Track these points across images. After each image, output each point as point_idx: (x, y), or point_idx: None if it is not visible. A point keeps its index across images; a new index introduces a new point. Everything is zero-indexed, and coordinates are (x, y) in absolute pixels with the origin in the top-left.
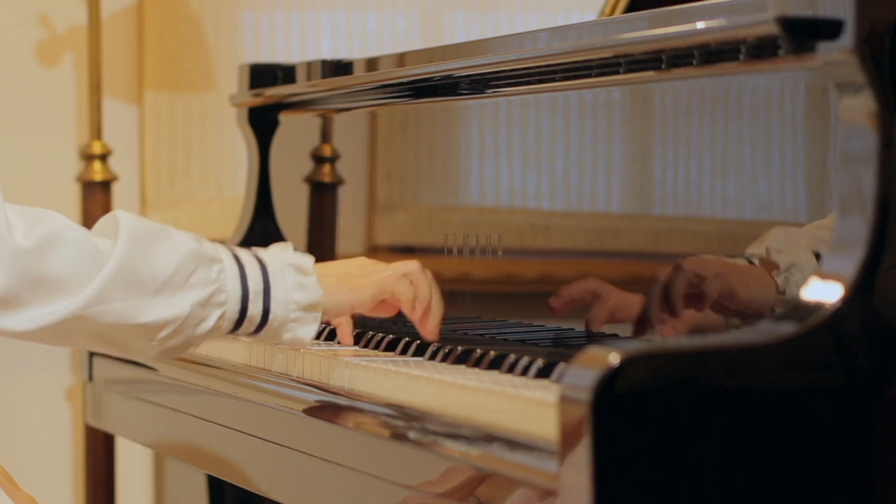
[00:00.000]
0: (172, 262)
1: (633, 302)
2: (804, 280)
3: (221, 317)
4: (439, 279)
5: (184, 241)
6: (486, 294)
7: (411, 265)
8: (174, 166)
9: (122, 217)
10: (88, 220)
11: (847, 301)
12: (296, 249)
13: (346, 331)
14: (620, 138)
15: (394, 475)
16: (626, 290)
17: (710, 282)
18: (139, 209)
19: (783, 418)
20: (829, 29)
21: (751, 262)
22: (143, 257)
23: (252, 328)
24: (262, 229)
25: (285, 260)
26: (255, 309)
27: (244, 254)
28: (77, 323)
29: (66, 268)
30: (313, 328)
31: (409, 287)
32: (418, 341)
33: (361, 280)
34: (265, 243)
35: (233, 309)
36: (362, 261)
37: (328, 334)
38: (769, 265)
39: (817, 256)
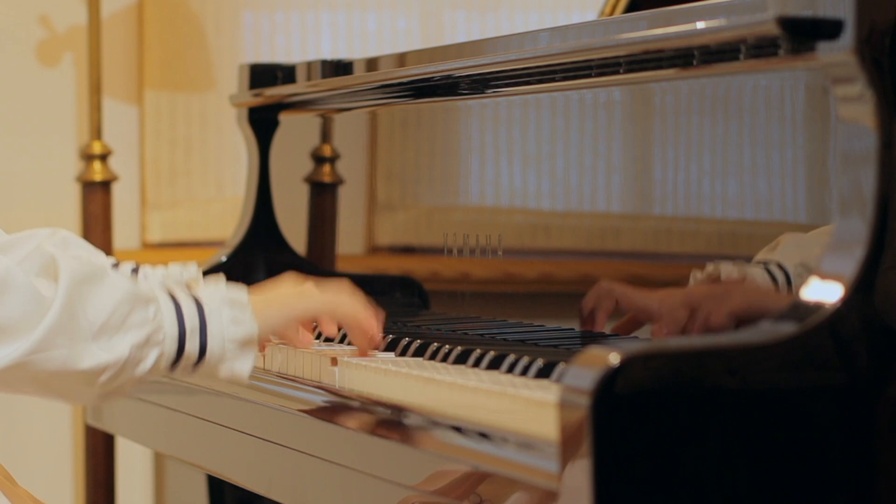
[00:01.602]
0: (109, 304)
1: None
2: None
3: (160, 356)
4: (439, 279)
5: (119, 282)
6: (486, 294)
7: (340, 294)
8: (174, 166)
9: (61, 260)
10: (88, 220)
11: (847, 301)
12: (293, 252)
13: (303, 340)
14: (620, 138)
15: (394, 475)
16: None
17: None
18: (139, 209)
19: (783, 418)
20: (829, 29)
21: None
22: (82, 301)
23: (189, 365)
24: (262, 229)
25: (220, 295)
26: (191, 346)
27: (179, 292)
28: (20, 370)
29: (12, 315)
30: (249, 362)
31: (349, 308)
32: (419, 341)
33: (298, 297)
34: (265, 243)
35: (170, 347)
36: (294, 281)
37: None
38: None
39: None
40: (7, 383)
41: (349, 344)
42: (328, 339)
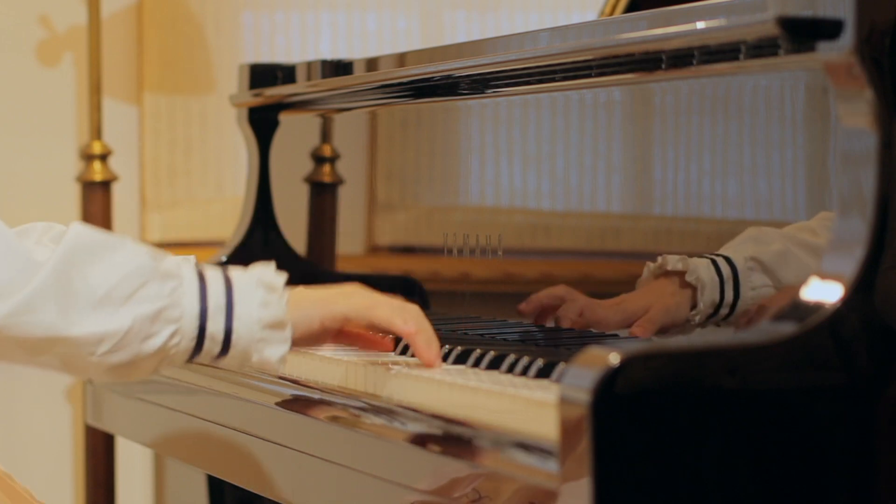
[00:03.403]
0: (115, 275)
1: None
2: (803, 261)
3: (175, 334)
4: (439, 279)
5: (134, 255)
6: (486, 294)
7: (404, 305)
8: (174, 166)
9: (73, 227)
10: (88, 220)
11: (847, 301)
12: (293, 252)
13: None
14: (620, 138)
15: (394, 475)
16: (625, 290)
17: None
18: (139, 209)
19: (783, 418)
20: (829, 29)
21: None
22: (81, 269)
23: (217, 349)
24: (262, 229)
25: (256, 278)
26: (214, 327)
27: (211, 271)
28: (2, 334)
29: None
30: (282, 349)
31: (390, 311)
32: None
33: (336, 296)
34: (265, 243)
35: (189, 325)
36: (352, 286)
37: None
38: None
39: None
40: None
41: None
42: None
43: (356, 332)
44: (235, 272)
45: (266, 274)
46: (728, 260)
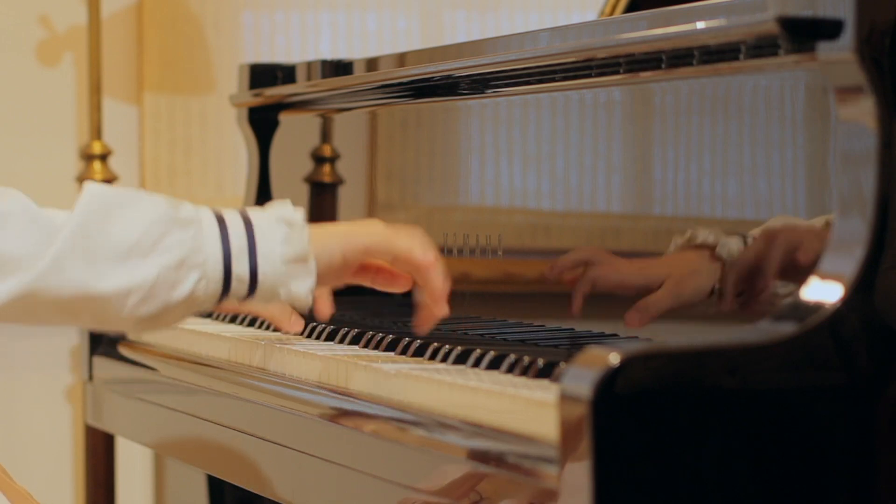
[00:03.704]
0: (136, 227)
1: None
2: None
3: (201, 279)
4: None
5: (152, 206)
6: (486, 294)
7: (423, 237)
8: (174, 166)
9: (87, 187)
10: None
11: (847, 301)
12: (371, 221)
13: (323, 304)
14: (620, 138)
15: (394, 475)
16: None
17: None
18: None
19: (783, 418)
20: (829, 29)
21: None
22: (102, 224)
23: (244, 290)
24: None
25: (275, 215)
26: (240, 268)
27: (230, 214)
28: (36, 297)
29: (17, 243)
30: (309, 282)
31: (410, 241)
32: (418, 341)
33: (357, 228)
34: None
35: (214, 270)
36: (371, 222)
37: (328, 334)
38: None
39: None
40: (27, 313)
41: (342, 342)
42: (328, 339)
43: (377, 265)
44: (254, 212)
45: (285, 210)
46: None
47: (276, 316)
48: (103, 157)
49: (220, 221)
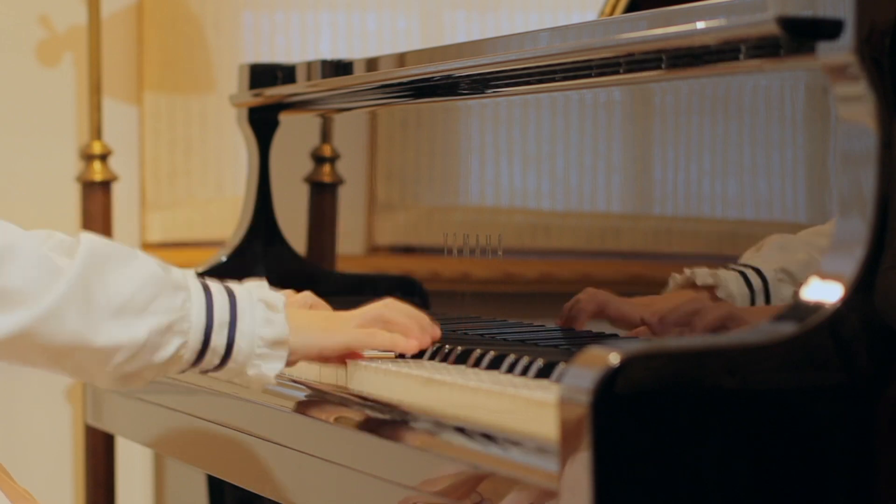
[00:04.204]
0: (131, 285)
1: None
2: (795, 287)
3: (182, 346)
4: (439, 279)
5: (147, 266)
6: (486, 294)
7: (381, 303)
8: (174, 166)
9: (85, 237)
10: (88, 220)
11: (847, 301)
12: (293, 252)
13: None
14: (620, 138)
15: (394, 475)
16: (625, 290)
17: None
18: (139, 209)
19: (783, 418)
20: (829, 29)
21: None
22: (101, 277)
23: (216, 361)
24: (262, 229)
25: (256, 295)
26: (218, 340)
27: (214, 285)
28: (28, 339)
29: (21, 281)
30: (279, 366)
31: (391, 337)
32: None
33: (335, 324)
34: (265, 243)
35: (195, 339)
36: (341, 313)
37: None
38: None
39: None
40: (17, 353)
41: None
42: None
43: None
44: (237, 287)
45: (266, 292)
46: (758, 272)
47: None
48: (103, 157)
49: (207, 291)
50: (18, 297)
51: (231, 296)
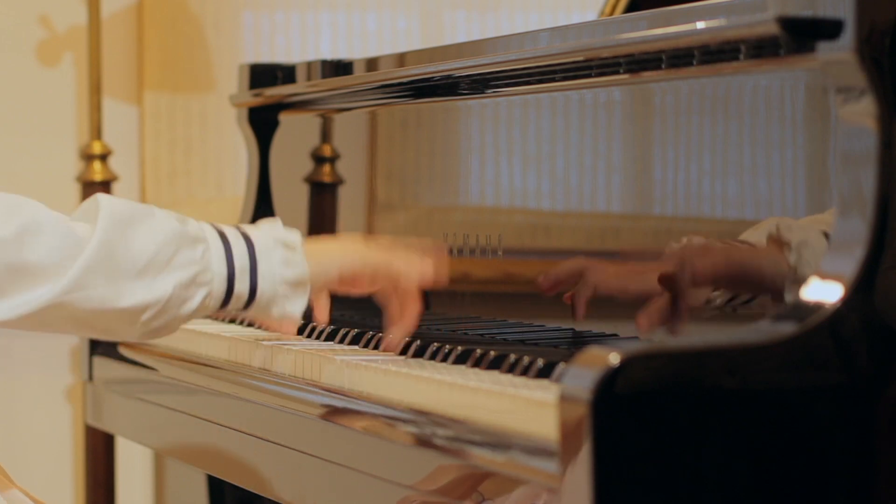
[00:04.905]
0: (153, 244)
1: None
2: (816, 257)
3: (207, 296)
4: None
5: (166, 221)
6: (486, 294)
7: (401, 268)
8: (174, 166)
9: (102, 200)
10: None
11: (847, 301)
12: (349, 235)
13: (322, 309)
14: (620, 138)
15: (394, 475)
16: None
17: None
18: None
19: (783, 418)
20: (829, 29)
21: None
22: (123, 240)
23: (241, 305)
24: None
25: (273, 236)
26: (241, 286)
27: (230, 231)
28: (57, 310)
29: (45, 255)
30: (302, 303)
31: (406, 266)
32: (418, 341)
33: (350, 253)
34: None
35: (219, 287)
36: (352, 238)
37: (328, 334)
38: (779, 244)
39: (826, 237)
40: (45, 323)
41: (342, 342)
42: (328, 339)
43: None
44: (253, 231)
45: (282, 232)
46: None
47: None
48: (103, 157)
49: (224, 240)
50: (45, 271)
51: (248, 241)
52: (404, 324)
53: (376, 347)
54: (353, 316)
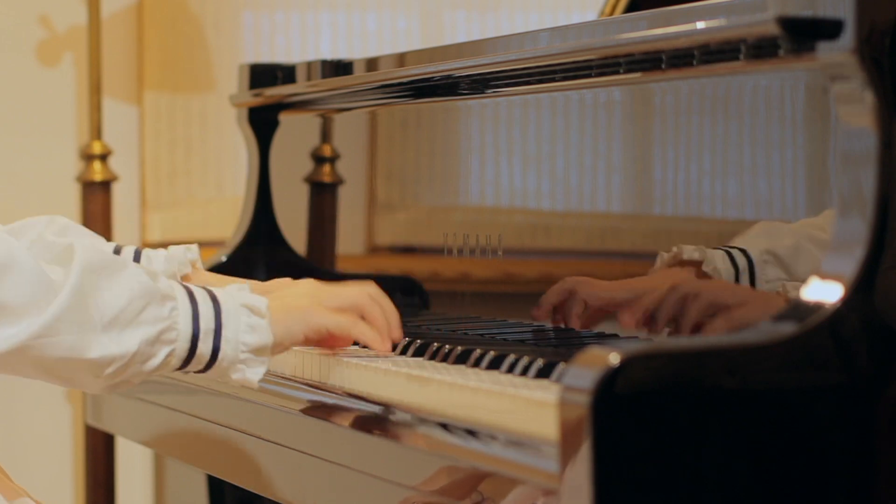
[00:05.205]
0: (123, 297)
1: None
2: (815, 256)
3: (170, 354)
4: (439, 279)
5: (136, 275)
6: (486, 294)
7: (365, 293)
8: (174, 166)
9: (78, 247)
10: (88, 220)
11: (847, 301)
12: (293, 252)
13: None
14: (620, 138)
15: (394, 475)
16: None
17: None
18: (139, 209)
19: (783, 418)
20: (829, 29)
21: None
22: (94, 292)
23: (200, 366)
24: (262, 229)
25: (240, 300)
26: (204, 348)
27: (199, 291)
28: (23, 353)
29: (18, 296)
30: (261, 370)
31: (365, 331)
32: (419, 341)
33: (316, 309)
34: (265, 243)
35: (182, 347)
36: (314, 287)
37: None
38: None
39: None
40: (10, 366)
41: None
42: None
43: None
44: (220, 292)
45: (249, 296)
46: (744, 252)
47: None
48: (103, 157)
49: (192, 299)
50: (14, 313)
51: (215, 302)
52: (384, 337)
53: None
54: None
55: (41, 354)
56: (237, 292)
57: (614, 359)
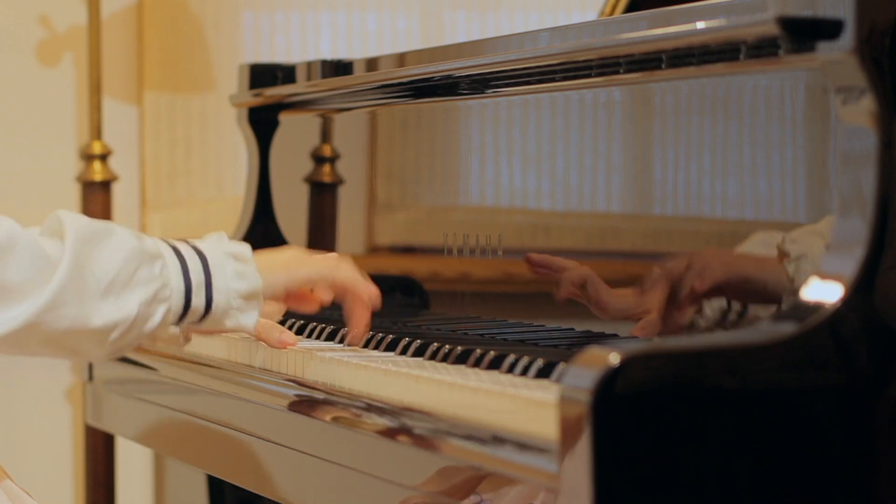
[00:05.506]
0: (116, 261)
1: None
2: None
3: (167, 311)
4: (439, 279)
5: (125, 238)
6: (486, 294)
7: (343, 258)
8: (174, 166)
9: (66, 217)
10: None
11: (847, 301)
12: (293, 248)
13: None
14: (620, 138)
15: (394, 475)
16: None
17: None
18: (139, 209)
19: (783, 418)
20: (829, 29)
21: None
22: (90, 260)
23: (195, 319)
24: (262, 229)
25: (223, 249)
26: (198, 301)
27: (183, 246)
28: (32, 330)
29: (21, 275)
30: (255, 315)
31: (347, 270)
32: (419, 341)
33: (296, 264)
34: (265, 243)
35: (177, 303)
36: (296, 250)
37: (328, 334)
38: (781, 255)
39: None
40: (18, 344)
41: (342, 342)
42: (328, 339)
43: (301, 293)
44: (203, 245)
45: (232, 245)
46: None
47: (263, 335)
48: (103, 157)
49: (179, 255)
50: (20, 291)
51: (201, 256)
52: (359, 321)
53: (377, 348)
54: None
55: (48, 329)
56: (218, 242)
57: (614, 359)
